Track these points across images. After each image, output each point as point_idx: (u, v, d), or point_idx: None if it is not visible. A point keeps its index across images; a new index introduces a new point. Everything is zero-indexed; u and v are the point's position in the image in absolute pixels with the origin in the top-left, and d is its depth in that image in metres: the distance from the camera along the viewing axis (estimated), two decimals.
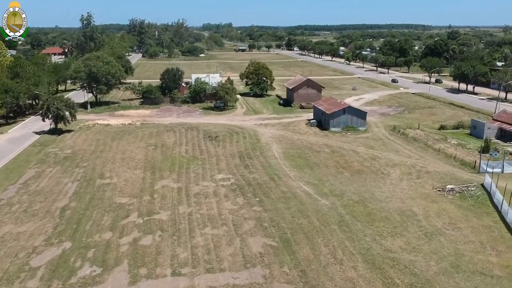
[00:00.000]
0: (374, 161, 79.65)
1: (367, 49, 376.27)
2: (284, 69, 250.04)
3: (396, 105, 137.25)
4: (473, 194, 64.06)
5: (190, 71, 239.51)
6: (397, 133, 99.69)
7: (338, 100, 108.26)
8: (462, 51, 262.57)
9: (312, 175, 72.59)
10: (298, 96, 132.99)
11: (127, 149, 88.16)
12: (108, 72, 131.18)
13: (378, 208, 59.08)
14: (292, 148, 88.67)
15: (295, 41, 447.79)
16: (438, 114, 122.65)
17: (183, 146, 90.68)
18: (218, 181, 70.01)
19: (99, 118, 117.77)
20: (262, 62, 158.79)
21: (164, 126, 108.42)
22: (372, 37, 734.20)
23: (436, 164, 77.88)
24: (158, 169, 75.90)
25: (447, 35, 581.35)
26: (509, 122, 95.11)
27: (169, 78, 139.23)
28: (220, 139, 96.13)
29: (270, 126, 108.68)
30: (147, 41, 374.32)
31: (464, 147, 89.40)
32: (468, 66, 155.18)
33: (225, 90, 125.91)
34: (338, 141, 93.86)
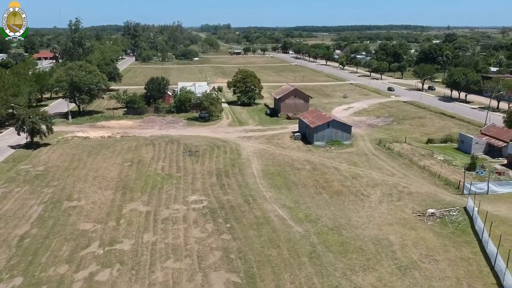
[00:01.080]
0: (355, 180, 76.72)
1: (363, 52, 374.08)
2: (276, 75, 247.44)
3: (386, 115, 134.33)
4: (454, 219, 61.16)
5: (182, 77, 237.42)
6: (382, 148, 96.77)
7: (323, 113, 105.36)
8: (457, 56, 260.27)
9: (289, 197, 69.65)
10: (285, 106, 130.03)
11: (102, 166, 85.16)
12: (91, 81, 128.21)
13: (353, 237, 56.13)
14: (272, 164, 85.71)
15: (291, 44, 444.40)
16: (428, 126, 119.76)
17: (160, 162, 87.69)
18: (190, 204, 67.04)
19: (79, 130, 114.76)
20: (250, 70, 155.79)
21: (144, 139, 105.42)
22: (370, 39, 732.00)
23: (419, 184, 74.99)
24: (129, 190, 72.91)
25: (444, 37, 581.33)
26: (497, 137, 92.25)
27: (154, 87, 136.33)
28: (200, 154, 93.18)
29: (253, 139, 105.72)
30: (140, 44, 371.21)
31: (450, 163, 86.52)
32: (460, 74, 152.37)
33: (210, 101, 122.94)
34: (321, 156, 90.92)
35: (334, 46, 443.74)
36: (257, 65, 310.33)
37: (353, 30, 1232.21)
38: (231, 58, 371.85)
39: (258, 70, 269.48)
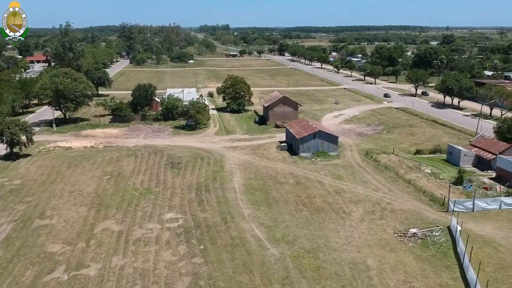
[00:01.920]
0: (338, 195, 74.55)
1: (359, 55, 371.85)
2: (270, 78, 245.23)
3: (376, 122, 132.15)
4: (436, 240, 59.03)
5: (174, 81, 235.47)
6: (369, 159, 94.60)
7: (310, 122, 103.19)
8: (453, 59, 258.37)
9: (269, 214, 67.47)
10: (274, 114, 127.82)
11: (80, 180, 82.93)
12: (76, 89, 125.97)
13: (329, 260, 53.95)
14: (255, 178, 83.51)
15: (287, 46, 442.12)
16: (418, 135, 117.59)
17: (140, 175, 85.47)
18: (165, 222, 64.86)
19: (62, 139, 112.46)
20: (240, 76, 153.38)
21: (127, 149, 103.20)
22: (368, 41, 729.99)
23: (404, 200, 72.85)
24: (105, 206, 70.70)
25: (442, 39, 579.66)
26: (487, 149, 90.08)
27: (141, 94, 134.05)
28: (182, 166, 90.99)
29: (239, 150, 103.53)
30: (135, 46, 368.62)
31: (438, 176, 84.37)
32: (452, 80, 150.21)
33: (197, 109, 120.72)
34: (305, 169, 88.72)
35: (331, 48, 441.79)
36: (252, 68, 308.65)
37: (352, 31, 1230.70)
38: (227, 61, 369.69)
39: (252, 73, 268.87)
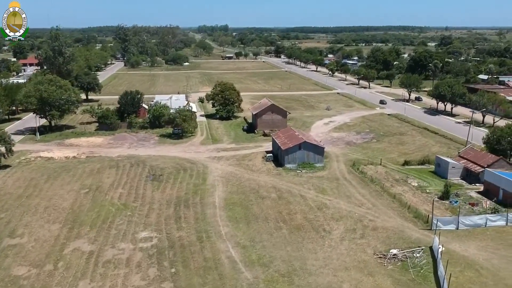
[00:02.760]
0: (320, 212, 72.43)
1: (355, 57, 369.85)
2: (264, 82, 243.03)
3: (366, 130, 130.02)
4: (417, 262, 56.95)
5: (167, 85, 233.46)
6: (355, 171, 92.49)
7: (297, 132, 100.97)
8: (448, 63, 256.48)
9: (247, 233, 65.38)
10: (262, 122, 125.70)
11: (57, 194, 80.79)
12: (61, 96, 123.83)
13: (304, 286, 51.85)
14: (237, 192, 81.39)
15: (284, 48, 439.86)
16: (408, 144, 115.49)
17: (119, 189, 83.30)
18: (138, 242, 62.75)
19: (45, 149, 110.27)
20: (229, 82, 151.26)
21: (109, 160, 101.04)
22: (366, 42, 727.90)
23: (387, 216, 70.76)
24: (78, 223, 68.57)
25: (440, 40, 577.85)
26: (475, 161, 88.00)
27: (127, 101, 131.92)
28: (164, 178, 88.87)
29: (224, 160, 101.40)
30: (130, 49, 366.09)
31: (424, 190, 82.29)
32: (445, 86, 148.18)
33: (183, 117, 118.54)
34: (289, 182, 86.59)
35: (327, 50, 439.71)
36: (247, 71, 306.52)
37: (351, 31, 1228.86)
38: (222, 63, 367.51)
39: (246, 77, 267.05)
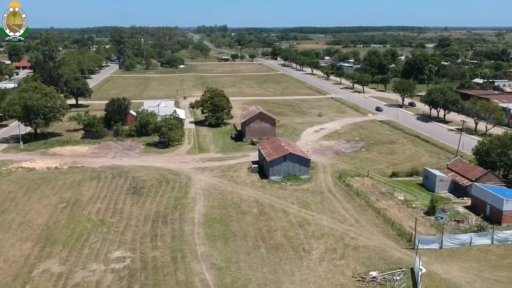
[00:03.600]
0: (301, 229, 70.37)
1: (351, 60, 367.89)
2: (258, 86, 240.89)
3: (357, 138, 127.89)
4: (396, 286, 54.88)
5: (160, 88, 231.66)
6: (342, 183, 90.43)
7: (283, 143, 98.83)
8: (444, 67, 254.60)
9: (223, 252, 63.34)
10: (250, 131, 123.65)
11: (34, 208, 78.77)
12: (46, 104, 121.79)
13: None
14: (218, 207, 79.34)
15: (280, 50, 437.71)
16: (397, 153, 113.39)
17: (98, 203, 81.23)
18: (110, 263, 60.71)
19: (28, 159, 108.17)
20: (219, 89, 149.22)
21: (92, 171, 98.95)
22: (364, 43, 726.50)
23: (370, 234, 68.73)
24: (52, 241, 66.54)
25: (438, 41, 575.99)
26: (463, 174, 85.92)
27: (114, 109, 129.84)
28: (145, 191, 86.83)
29: (208, 171, 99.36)
30: (126, 51, 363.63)
31: (410, 205, 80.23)
32: (438, 93, 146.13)
33: (169, 126, 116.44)
34: (273, 195, 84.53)
35: (324, 52, 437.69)
36: (242, 74, 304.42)
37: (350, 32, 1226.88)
38: (218, 66, 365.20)
39: (240, 80, 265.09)
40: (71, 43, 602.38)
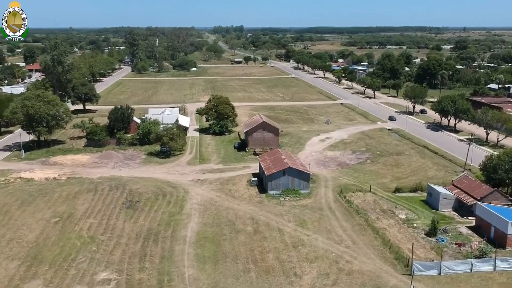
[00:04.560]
0: (295, 250, 67.95)
1: (365, 63, 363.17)
2: (267, 91, 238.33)
3: (363, 149, 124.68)
4: None
5: (169, 92, 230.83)
6: (342, 199, 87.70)
7: (283, 156, 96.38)
8: (458, 71, 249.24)
9: (211, 276, 61.30)
10: (253, 140, 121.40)
11: (26, 223, 77.75)
12: (48, 112, 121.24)
13: None
14: (212, 224, 77.32)
15: (293, 52, 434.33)
16: (403, 166, 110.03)
17: (91, 218, 79.86)
18: (95, 285, 59.12)
19: (27, 169, 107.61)
20: (224, 96, 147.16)
21: (89, 182, 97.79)
22: (380, 44, 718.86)
23: (366, 257, 66.01)
24: (38, 261, 65.23)
25: (455, 43, 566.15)
26: (469, 191, 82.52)
27: (117, 117, 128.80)
28: (140, 205, 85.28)
29: (207, 184, 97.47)
30: (138, 54, 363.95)
31: (411, 224, 77.19)
32: (448, 101, 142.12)
33: (170, 136, 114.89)
34: (269, 212, 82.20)
35: (338, 54, 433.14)
36: (253, 77, 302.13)
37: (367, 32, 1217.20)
38: (230, 68, 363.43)
39: (251, 84, 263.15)
40: (87, 44, 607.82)
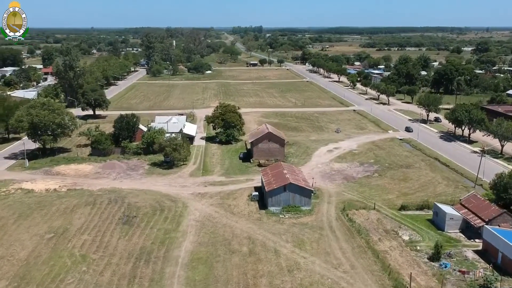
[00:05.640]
0: (290, 275, 65.29)
1: (381, 66, 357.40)
2: (280, 96, 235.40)
3: (371, 161, 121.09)
4: None
5: (181, 97, 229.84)
6: (345, 217, 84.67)
7: (285, 170, 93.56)
8: (476, 76, 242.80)
9: None
10: (258, 151, 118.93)
11: (19, 239, 76.76)
12: (53, 121, 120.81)
13: None
14: (207, 243, 75.10)
15: (309, 55, 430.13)
16: (412, 180, 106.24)
17: (86, 234, 78.43)
18: None
19: (29, 179, 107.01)
20: (231, 105, 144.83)
21: (89, 194, 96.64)
22: (400, 46, 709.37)
23: (363, 284, 63.08)
24: (26, 281, 63.97)
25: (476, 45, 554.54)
26: (477, 212, 78.69)
27: (122, 126, 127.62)
28: (136, 222, 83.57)
29: (207, 198, 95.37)
30: (153, 57, 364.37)
31: (414, 247, 73.81)
32: (462, 111, 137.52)
33: (173, 146, 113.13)
34: (267, 231, 79.61)
35: (355, 57, 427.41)
36: (267, 81, 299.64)
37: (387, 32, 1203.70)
38: (244, 72, 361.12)
39: (264, 88, 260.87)
40: (106, 45, 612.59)
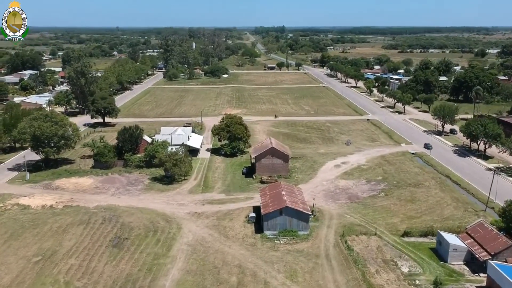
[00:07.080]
0: None
1: (401, 70, 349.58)
2: (293, 103, 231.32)
3: (379, 178, 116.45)
4: None
5: (193, 104, 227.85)
6: (343, 244, 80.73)
7: (283, 192, 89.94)
8: (498, 83, 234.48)
9: None
10: (261, 167, 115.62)
11: (6, 262, 75.46)
12: (56, 133, 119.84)
13: None
14: (195, 272, 72.29)
15: (328, 58, 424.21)
16: (419, 201, 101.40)
17: (73, 258, 76.52)
18: None
19: (28, 193, 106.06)
20: (237, 116, 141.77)
21: (84, 212, 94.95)
22: (423, 47, 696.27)
23: None
24: None
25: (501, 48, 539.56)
26: (483, 243, 73.85)
27: (126, 138, 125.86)
28: (127, 244, 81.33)
29: (203, 218, 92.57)
30: (170, 61, 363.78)
31: (413, 281, 69.50)
32: (477, 125, 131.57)
33: (173, 161, 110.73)
34: (260, 258, 76.32)
35: (374, 60, 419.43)
36: (283, 86, 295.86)
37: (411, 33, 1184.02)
38: (261, 75, 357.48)
39: (278, 94, 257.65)
40: (128, 46, 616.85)
